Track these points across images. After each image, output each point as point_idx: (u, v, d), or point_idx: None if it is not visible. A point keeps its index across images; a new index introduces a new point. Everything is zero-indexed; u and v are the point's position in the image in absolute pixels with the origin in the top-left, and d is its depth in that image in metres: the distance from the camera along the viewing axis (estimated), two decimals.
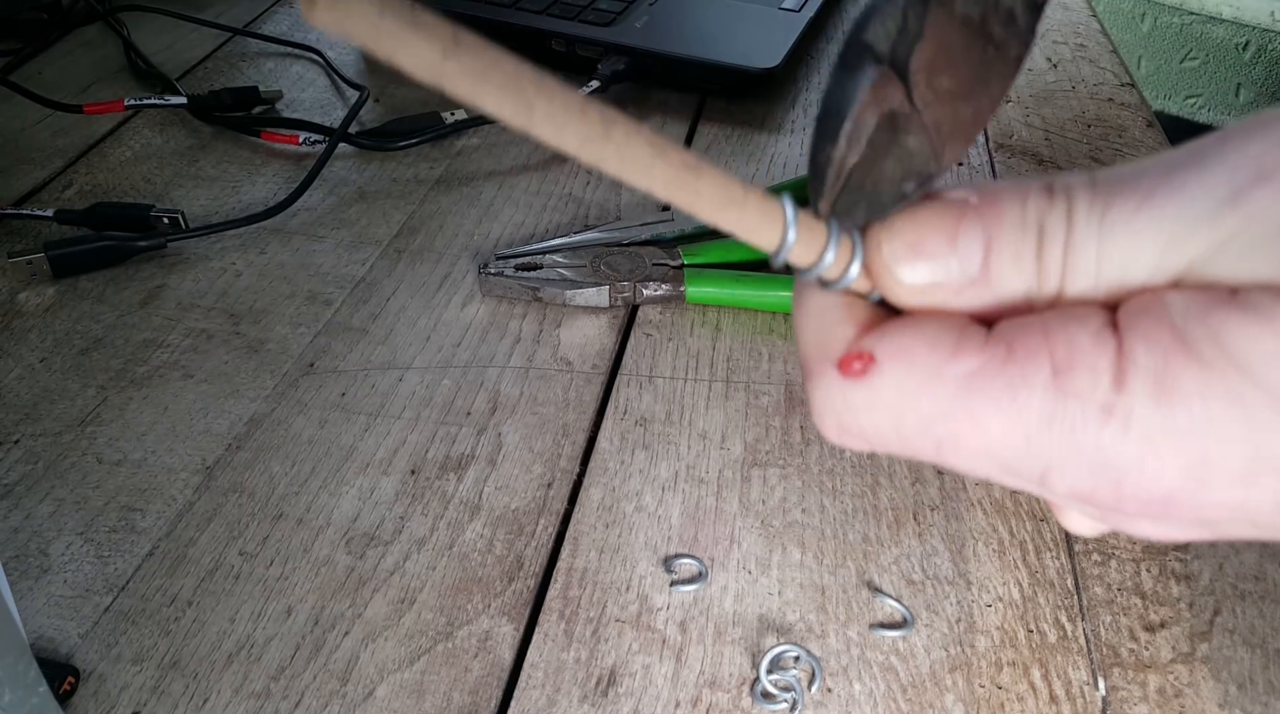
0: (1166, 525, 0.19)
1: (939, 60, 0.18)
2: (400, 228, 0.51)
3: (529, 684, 0.32)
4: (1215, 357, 0.16)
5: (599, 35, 0.63)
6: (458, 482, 0.38)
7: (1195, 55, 1.36)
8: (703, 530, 0.37)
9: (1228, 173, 0.17)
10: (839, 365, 0.19)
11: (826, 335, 0.19)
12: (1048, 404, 0.17)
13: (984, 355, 0.18)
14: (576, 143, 0.16)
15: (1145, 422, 0.17)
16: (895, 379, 0.18)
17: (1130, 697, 0.32)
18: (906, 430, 0.19)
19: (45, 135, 0.58)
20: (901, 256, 0.19)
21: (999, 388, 0.18)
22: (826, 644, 0.33)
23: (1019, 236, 0.18)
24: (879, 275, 0.19)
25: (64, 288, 0.47)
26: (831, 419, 0.19)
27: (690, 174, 0.17)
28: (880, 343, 0.19)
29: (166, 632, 0.33)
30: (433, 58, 0.15)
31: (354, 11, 0.14)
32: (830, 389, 0.19)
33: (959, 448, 0.18)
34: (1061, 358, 0.17)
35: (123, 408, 0.41)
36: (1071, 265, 0.18)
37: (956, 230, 0.18)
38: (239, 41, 0.68)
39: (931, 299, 0.19)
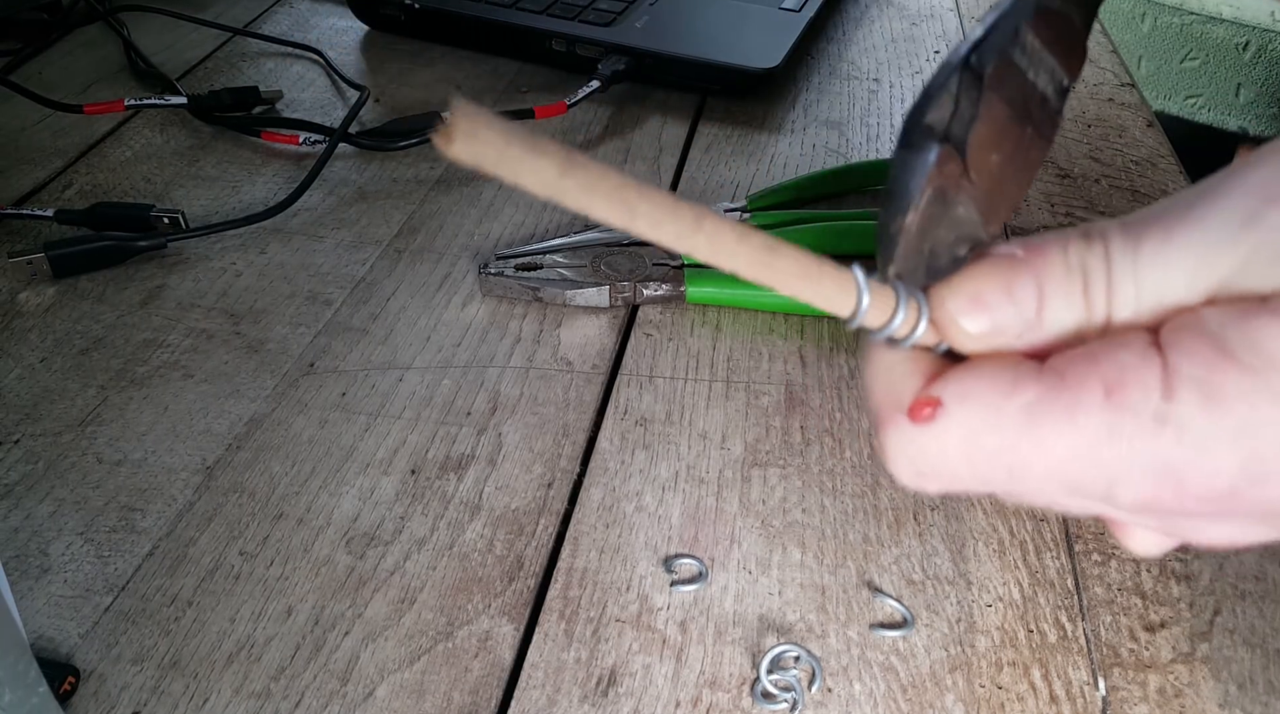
0: (1230, 525, 0.20)
1: (990, 140, 0.21)
2: (400, 228, 0.51)
3: (529, 684, 0.32)
4: (1252, 358, 0.18)
5: (599, 35, 0.63)
6: (458, 482, 0.38)
7: (1195, 55, 1.36)
8: (703, 530, 0.37)
9: (1239, 200, 0.19)
10: (909, 412, 0.21)
11: (896, 388, 0.21)
12: (1105, 421, 0.19)
13: (1040, 385, 0.20)
14: (673, 237, 0.18)
15: (1197, 426, 0.18)
16: (962, 418, 0.20)
17: (1130, 697, 0.32)
18: (977, 465, 0.20)
19: (45, 135, 0.58)
20: (965, 309, 0.21)
21: (1058, 413, 0.19)
22: (826, 644, 0.33)
23: (1066, 280, 0.20)
24: (945, 328, 0.21)
25: (64, 288, 0.47)
26: (906, 464, 0.21)
27: (770, 254, 0.19)
28: (945, 388, 0.20)
29: (167, 632, 0.33)
30: (551, 177, 0.17)
31: (485, 143, 0.16)
32: (903, 436, 0.21)
33: (1028, 474, 0.20)
34: (1112, 377, 0.19)
35: (123, 408, 0.41)
36: (1114, 299, 0.20)
37: (1012, 281, 0.20)
38: (239, 41, 0.68)
39: (993, 343, 0.21)
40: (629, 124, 0.60)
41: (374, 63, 0.66)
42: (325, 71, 0.64)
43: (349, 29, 0.69)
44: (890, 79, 0.65)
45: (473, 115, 0.16)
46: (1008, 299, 0.20)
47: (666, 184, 0.55)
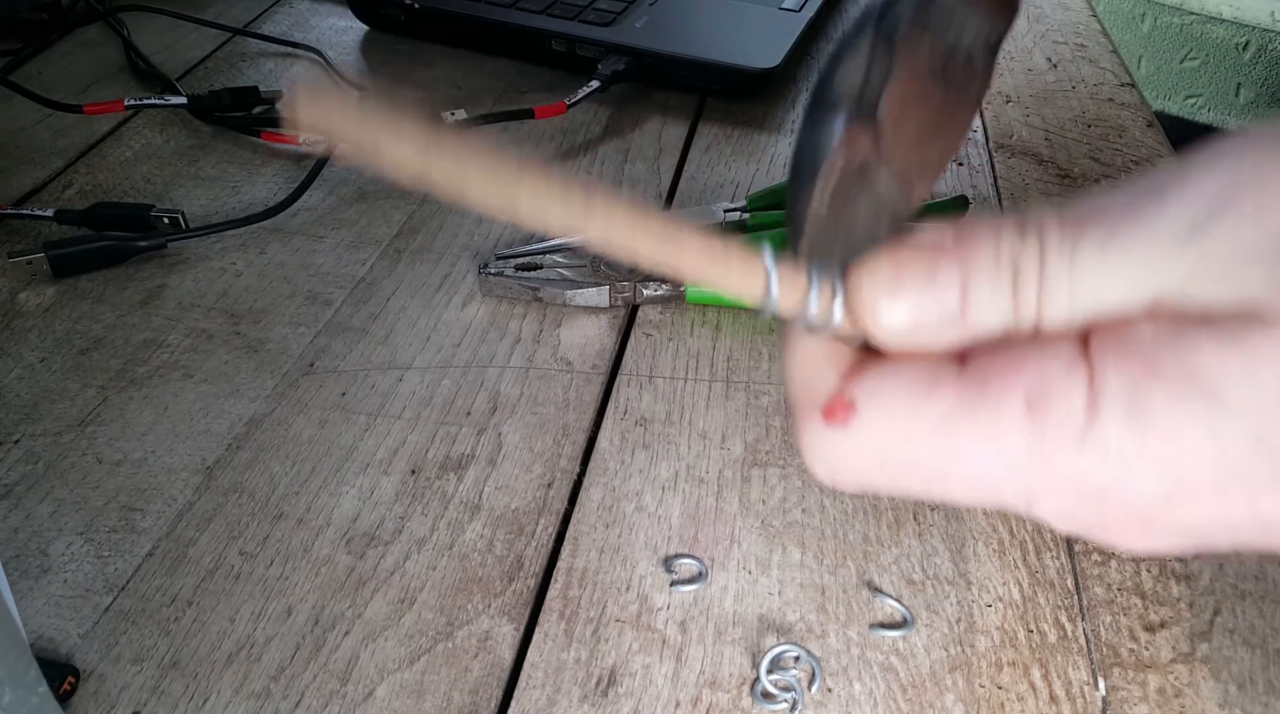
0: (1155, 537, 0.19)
1: (906, 106, 0.19)
2: (400, 228, 0.51)
3: (529, 684, 0.32)
4: (1183, 381, 0.17)
5: (599, 35, 0.63)
6: (458, 482, 0.38)
7: (1195, 55, 1.36)
8: (703, 530, 0.37)
9: (1186, 205, 0.17)
10: (823, 413, 0.20)
11: (811, 383, 0.20)
12: (1025, 435, 0.18)
13: (959, 392, 0.18)
14: (562, 221, 0.17)
15: (1121, 447, 0.17)
16: (876, 423, 0.19)
17: (1130, 697, 0.32)
18: (892, 470, 0.19)
19: (45, 135, 0.58)
20: (881, 298, 0.19)
21: (976, 423, 0.18)
22: (826, 644, 0.33)
23: (994, 274, 0.19)
24: (860, 317, 0.20)
25: (64, 288, 0.47)
26: (820, 464, 0.20)
27: (672, 236, 0.18)
28: (860, 389, 0.19)
29: (166, 632, 0.33)
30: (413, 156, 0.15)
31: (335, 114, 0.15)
32: (816, 436, 0.20)
33: (945, 483, 0.19)
34: (1035, 390, 0.18)
35: (123, 408, 0.41)
36: (1045, 299, 0.18)
37: (934, 270, 0.19)
38: (239, 41, 0.68)
39: (913, 339, 0.19)
40: (629, 124, 0.60)
41: (374, 63, 0.66)
42: (325, 71, 0.64)
43: (349, 29, 0.69)
44: None
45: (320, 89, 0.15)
46: (929, 290, 0.19)
47: (666, 185, 0.55)
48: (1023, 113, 0.63)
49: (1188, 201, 0.17)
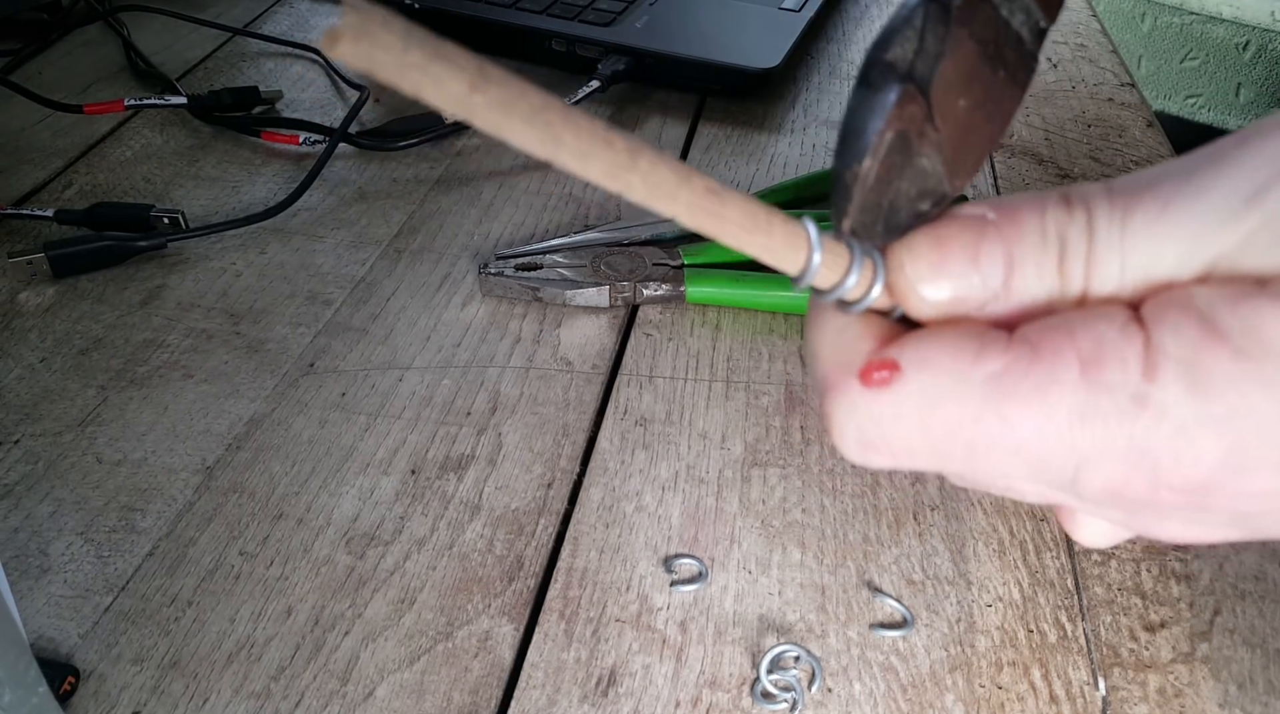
0: (1200, 520, 0.18)
1: (957, 82, 0.18)
2: (400, 228, 0.51)
3: (529, 684, 0.32)
4: (1247, 343, 0.16)
5: (599, 35, 0.63)
6: (458, 482, 0.38)
7: (1195, 55, 1.36)
8: (703, 530, 0.37)
9: (1249, 172, 0.17)
10: (861, 376, 0.19)
11: (846, 350, 0.19)
12: (1078, 398, 0.17)
13: (1009, 356, 0.18)
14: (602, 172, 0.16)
15: (1179, 410, 0.17)
16: (921, 385, 0.18)
17: (1130, 697, 0.32)
18: (934, 438, 0.18)
19: (45, 135, 0.58)
20: (925, 276, 0.19)
21: (1028, 386, 0.18)
22: (826, 644, 0.33)
23: (1040, 251, 0.18)
24: (903, 294, 0.19)
25: (64, 288, 0.47)
26: (854, 433, 0.19)
27: (715, 200, 0.17)
28: (903, 351, 0.19)
29: (166, 632, 0.33)
30: (460, 91, 0.15)
31: (379, 45, 0.14)
32: (853, 402, 0.19)
33: (991, 451, 0.18)
34: (1089, 352, 0.17)
35: (123, 408, 0.41)
36: (1094, 272, 0.18)
37: (978, 248, 0.19)
38: (239, 41, 0.68)
39: (954, 312, 0.19)
40: (629, 124, 0.60)
41: None
42: (325, 71, 0.64)
43: None
44: None
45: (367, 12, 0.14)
46: (973, 267, 0.18)
47: None
48: (1023, 112, 0.63)
49: (1249, 169, 0.17)
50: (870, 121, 0.18)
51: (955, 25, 0.18)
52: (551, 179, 0.55)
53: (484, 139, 0.58)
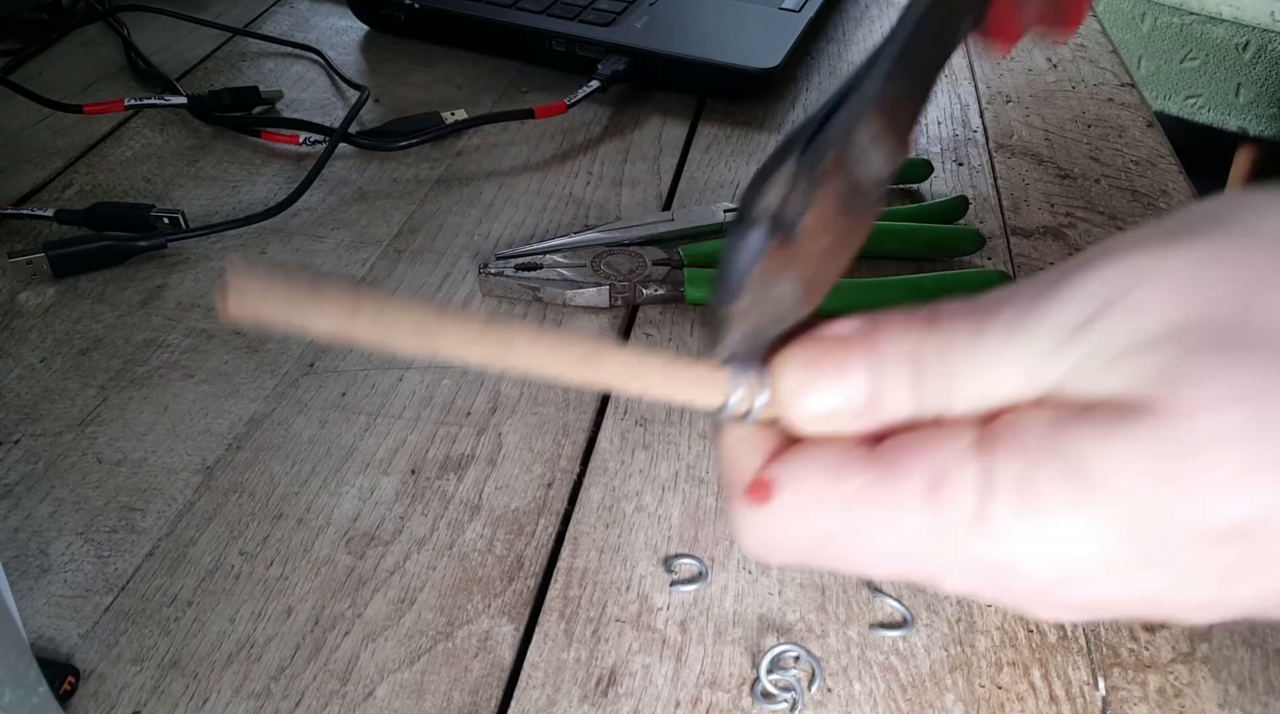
0: (1055, 612, 0.20)
1: (819, 229, 0.21)
2: (400, 228, 0.51)
3: (529, 684, 0.32)
4: (1064, 470, 0.18)
5: (599, 35, 0.63)
6: (458, 482, 0.38)
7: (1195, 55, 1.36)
8: (703, 530, 0.37)
9: (1080, 302, 0.18)
10: (747, 492, 0.21)
11: (738, 465, 0.21)
12: (924, 518, 0.19)
13: (866, 475, 0.20)
14: (483, 360, 0.18)
15: (1008, 531, 0.18)
16: (791, 503, 0.20)
17: (1130, 697, 0.32)
18: (811, 545, 0.21)
19: (45, 135, 0.58)
20: (797, 391, 0.21)
21: (880, 506, 0.19)
22: (827, 644, 0.33)
23: (897, 369, 0.20)
24: (779, 407, 0.21)
25: (64, 288, 0.47)
26: (748, 540, 0.21)
27: (591, 360, 0.19)
28: (778, 470, 0.21)
29: (166, 632, 0.33)
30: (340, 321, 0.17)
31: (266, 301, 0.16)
32: (742, 515, 0.21)
33: (858, 560, 0.20)
34: (933, 475, 0.19)
35: (123, 408, 0.41)
36: (950, 393, 0.20)
37: (844, 366, 0.20)
38: (239, 41, 0.68)
39: (830, 426, 0.21)
40: (629, 124, 0.60)
41: (374, 63, 0.66)
42: (325, 71, 0.64)
43: (349, 29, 0.69)
44: None
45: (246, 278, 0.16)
46: (838, 383, 0.20)
47: (666, 184, 0.55)
48: (1023, 113, 0.63)
49: (1074, 305, 0.18)
50: (743, 266, 0.21)
51: (822, 180, 0.21)
52: (552, 179, 0.55)
53: (484, 139, 0.58)
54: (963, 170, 0.56)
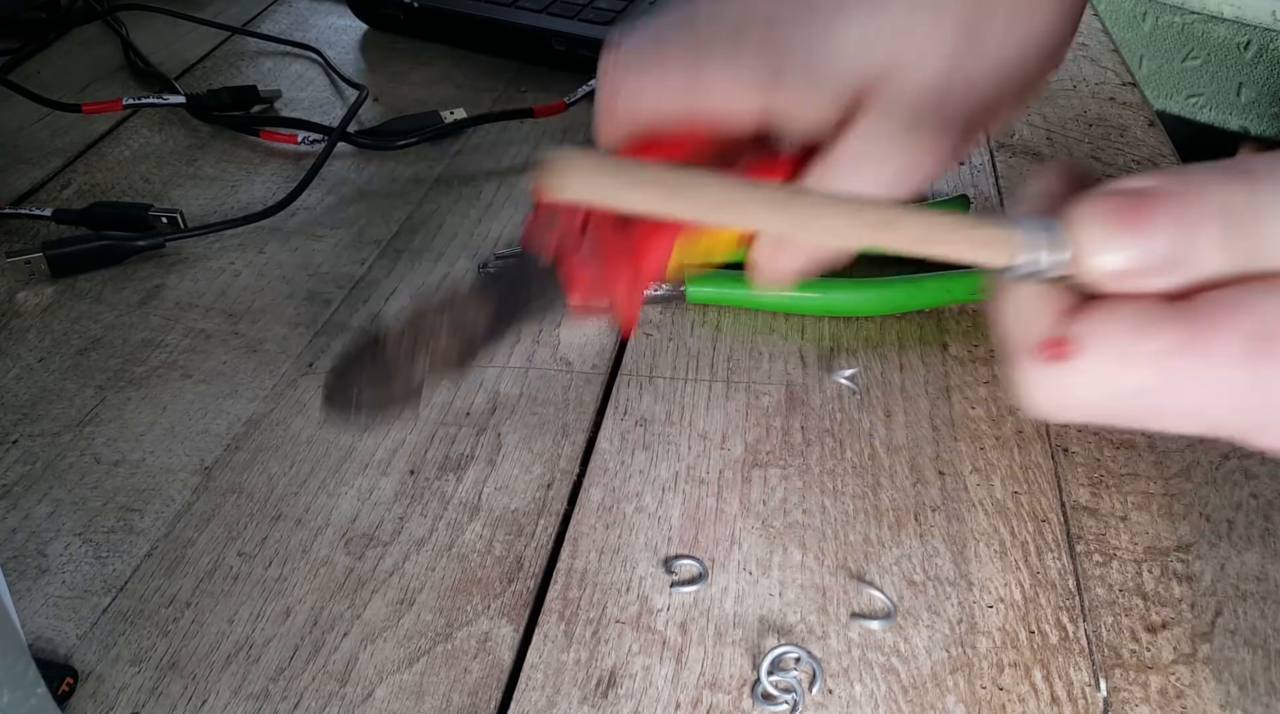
0: None
1: None
2: (399, 227, 0.51)
3: (529, 686, 0.32)
4: None
5: (599, 34, 0.62)
6: (457, 482, 0.38)
7: (1197, 55, 1.36)
8: (703, 531, 0.37)
9: None
10: (1042, 351, 0.21)
11: (1028, 324, 0.21)
12: (1246, 372, 0.19)
13: (1178, 331, 0.19)
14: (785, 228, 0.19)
15: None
16: (1096, 359, 0.20)
17: (1132, 698, 0.32)
18: (1114, 401, 0.20)
19: (44, 135, 0.58)
20: (1099, 246, 0.20)
21: (1196, 362, 0.19)
22: (827, 645, 0.33)
23: (1206, 223, 0.19)
24: (1079, 264, 0.20)
25: (62, 288, 0.47)
26: (1040, 399, 0.21)
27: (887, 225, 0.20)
28: (1079, 327, 0.20)
29: (165, 633, 0.33)
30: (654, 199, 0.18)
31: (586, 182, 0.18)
32: (1036, 374, 0.21)
33: (1167, 416, 0.20)
34: (1255, 328, 0.18)
35: (121, 408, 0.41)
36: (1258, 245, 0.19)
37: (1151, 219, 0.20)
38: (238, 40, 0.68)
39: (1128, 284, 0.20)
40: None
41: (373, 62, 0.66)
42: (324, 70, 0.64)
43: (348, 28, 0.69)
44: None
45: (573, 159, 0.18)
46: (1143, 236, 0.19)
47: None
48: (1024, 112, 0.62)
49: None
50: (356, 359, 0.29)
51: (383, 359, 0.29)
52: None
53: (484, 138, 0.58)
54: (964, 169, 0.56)
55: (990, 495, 0.38)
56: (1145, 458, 0.39)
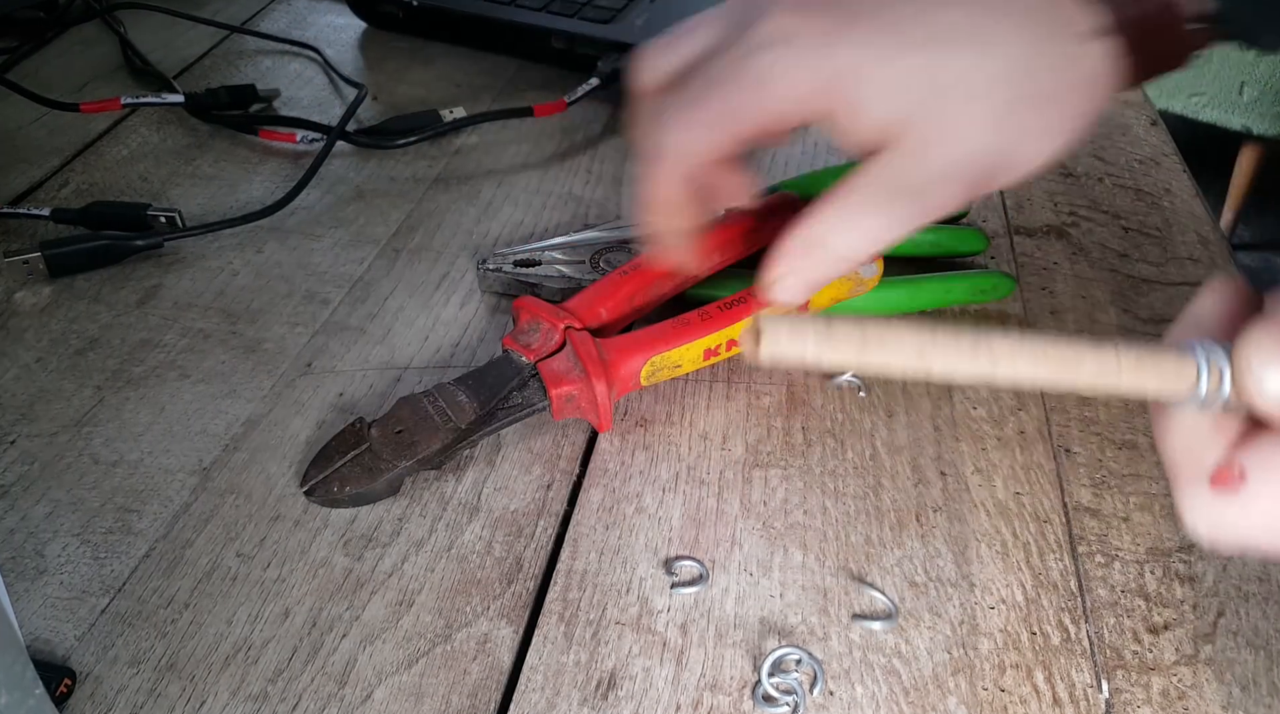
0: None
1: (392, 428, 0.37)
2: (398, 226, 0.51)
3: (528, 687, 0.32)
4: None
5: (599, 33, 0.62)
6: (456, 483, 0.38)
7: None
8: (703, 532, 0.36)
9: None
10: (1213, 480, 0.21)
11: (1197, 451, 0.21)
12: None
13: None
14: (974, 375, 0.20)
15: None
16: (1265, 492, 0.20)
17: (1134, 699, 0.32)
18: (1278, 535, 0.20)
19: (42, 134, 0.57)
20: (1268, 375, 0.20)
21: None
22: (828, 647, 0.33)
23: None
24: (1248, 393, 0.20)
25: (60, 287, 0.47)
26: (1204, 526, 0.21)
27: (1071, 365, 0.21)
28: (1250, 457, 0.20)
29: (163, 634, 0.33)
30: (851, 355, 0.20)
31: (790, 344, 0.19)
32: (1203, 501, 0.21)
33: None
34: None
35: (119, 408, 0.41)
36: None
37: None
38: (236, 39, 0.67)
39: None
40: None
41: (372, 60, 0.66)
42: (323, 69, 0.64)
43: (347, 26, 0.69)
44: None
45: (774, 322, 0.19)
46: None
47: None
48: None
49: None
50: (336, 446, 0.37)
51: None
52: (551, 178, 0.55)
53: (483, 137, 0.58)
54: None
55: (992, 496, 0.38)
56: (1147, 458, 0.39)
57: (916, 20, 0.30)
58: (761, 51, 0.31)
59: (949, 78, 0.30)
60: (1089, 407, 0.41)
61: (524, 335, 0.39)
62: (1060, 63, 0.30)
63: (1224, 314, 0.22)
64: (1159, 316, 0.46)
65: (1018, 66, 0.30)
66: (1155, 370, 0.21)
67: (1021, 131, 0.31)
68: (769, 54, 0.31)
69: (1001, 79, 0.30)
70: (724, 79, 0.32)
